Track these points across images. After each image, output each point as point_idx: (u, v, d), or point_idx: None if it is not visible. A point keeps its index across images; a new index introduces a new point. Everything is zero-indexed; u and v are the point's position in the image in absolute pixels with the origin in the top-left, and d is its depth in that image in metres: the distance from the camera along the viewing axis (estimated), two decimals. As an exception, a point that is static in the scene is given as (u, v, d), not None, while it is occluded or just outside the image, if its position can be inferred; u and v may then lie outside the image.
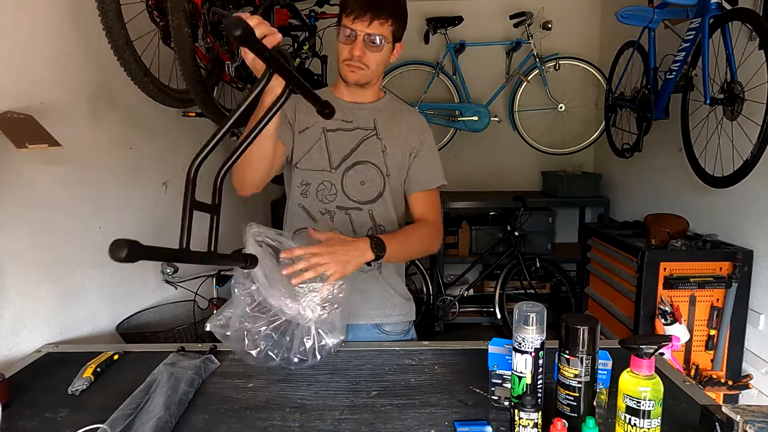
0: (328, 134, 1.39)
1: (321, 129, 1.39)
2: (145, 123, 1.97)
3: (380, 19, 1.27)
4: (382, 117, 1.43)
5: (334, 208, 1.39)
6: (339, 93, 1.43)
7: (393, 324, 1.47)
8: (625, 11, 2.54)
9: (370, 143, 1.40)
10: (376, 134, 1.41)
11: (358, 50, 1.29)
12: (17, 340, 1.36)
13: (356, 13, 1.26)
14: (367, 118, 1.42)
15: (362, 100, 1.42)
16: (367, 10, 1.26)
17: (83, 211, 1.62)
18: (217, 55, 2.07)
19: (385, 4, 1.28)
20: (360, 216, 1.40)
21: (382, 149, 1.40)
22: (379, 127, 1.42)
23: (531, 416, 0.88)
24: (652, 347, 0.85)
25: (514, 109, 3.75)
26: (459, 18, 3.63)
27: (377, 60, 1.33)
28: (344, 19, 1.29)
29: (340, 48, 1.32)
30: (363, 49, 1.29)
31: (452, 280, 3.73)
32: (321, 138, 1.39)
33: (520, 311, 0.94)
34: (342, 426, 0.99)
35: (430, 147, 1.46)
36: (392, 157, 1.40)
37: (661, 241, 2.35)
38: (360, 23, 1.26)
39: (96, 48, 1.60)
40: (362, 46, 1.29)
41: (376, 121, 1.42)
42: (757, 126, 1.95)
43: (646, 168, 3.12)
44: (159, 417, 0.95)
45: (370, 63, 1.32)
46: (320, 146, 1.39)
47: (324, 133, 1.39)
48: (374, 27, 1.27)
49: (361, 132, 1.40)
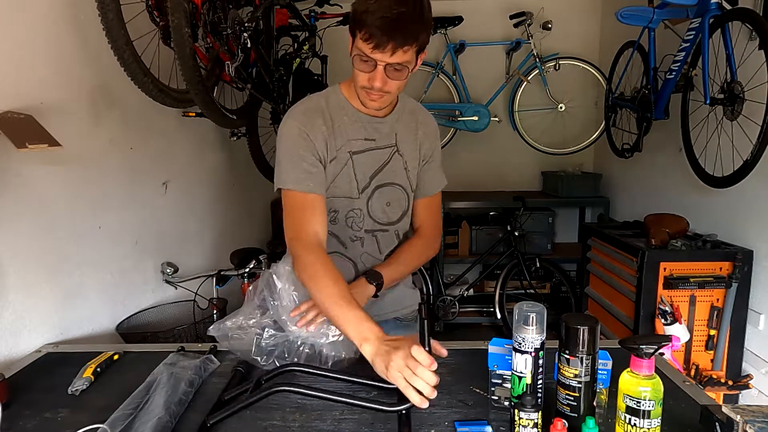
0: (355, 157, 1.29)
1: (347, 153, 1.28)
2: (145, 123, 1.97)
3: (404, 48, 1.09)
4: (400, 129, 1.34)
5: (363, 233, 1.36)
6: (356, 102, 1.28)
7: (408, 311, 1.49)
8: (625, 11, 2.54)
9: (393, 162, 1.33)
10: (397, 150, 1.33)
11: (380, 81, 1.14)
12: (17, 340, 1.36)
13: (376, 41, 1.08)
14: (389, 134, 1.32)
15: (380, 113, 1.31)
16: (389, 38, 1.07)
17: (83, 211, 1.62)
18: (217, 55, 2.07)
19: (410, 29, 1.09)
20: (386, 237, 1.38)
21: (404, 167, 1.35)
22: (399, 142, 1.33)
23: (531, 416, 0.88)
24: (652, 347, 0.85)
25: (514, 109, 3.75)
26: (459, 18, 3.63)
27: (399, 86, 1.19)
28: (360, 43, 1.10)
29: (357, 72, 1.16)
30: (385, 78, 1.14)
31: (452, 280, 3.72)
32: (348, 162, 1.29)
33: (520, 311, 0.94)
34: (342, 426, 0.99)
35: (439, 153, 1.42)
36: (413, 172, 1.36)
37: (661, 241, 2.35)
38: (380, 53, 1.09)
39: (96, 48, 1.60)
40: (383, 77, 1.14)
41: (397, 136, 1.33)
42: (757, 126, 1.95)
43: (646, 168, 3.12)
44: (159, 417, 0.95)
45: (392, 89, 1.18)
46: (347, 171, 1.29)
47: (351, 156, 1.29)
48: (398, 56, 1.10)
49: (385, 151, 1.32)
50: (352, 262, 1.37)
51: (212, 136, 2.70)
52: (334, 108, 1.29)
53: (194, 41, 1.79)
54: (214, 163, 2.74)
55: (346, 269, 1.36)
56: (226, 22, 1.92)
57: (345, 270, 1.37)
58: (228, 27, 1.92)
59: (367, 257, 1.38)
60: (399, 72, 1.14)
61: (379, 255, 1.39)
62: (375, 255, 1.38)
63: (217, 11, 1.90)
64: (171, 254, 2.13)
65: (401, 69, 1.14)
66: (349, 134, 1.28)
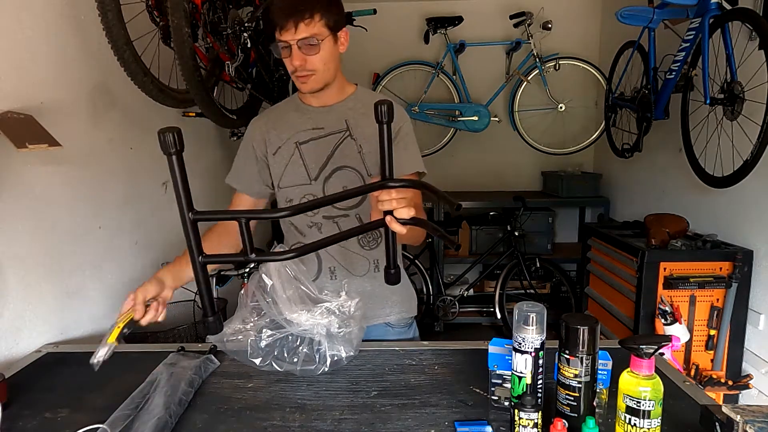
0: (302, 147, 1.37)
1: (294, 144, 1.37)
2: (145, 123, 1.97)
3: (304, 21, 1.22)
4: (353, 115, 1.38)
5: (320, 219, 1.38)
6: (306, 99, 1.40)
7: (397, 319, 1.48)
8: (625, 11, 2.54)
9: (345, 146, 1.37)
10: (349, 135, 1.37)
11: (298, 59, 1.25)
12: (17, 340, 1.35)
13: (280, 23, 1.22)
14: (338, 120, 1.38)
15: (329, 101, 1.38)
16: (288, 17, 1.21)
17: (83, 211, 1.62)
18: (217, 55, 2.07)
19: (306, 3, 1.22)
20: (348, 222, 1.38)
21: (358, 150, 1.37)
22: (351, 127, 1.37)
23: (531, 416, 0.88)
24: (652, 347, 0.85)
25: (514, 109, 3.75)
26: (459, 18, 3.63)
27: (322, 59, 1.27)
28: (276, 34, 1.25)
29: (286, 65, 1.30)
30: (301, 56, 1.25)
31: (452, 280, 3.73)
32: (295, 152, 1.37)
33: (520, 311, 0.94)
34: (342, 426, 0.99)
35: (406, 134, 1.40)
36: (370, 156, 1.36)
37: (661, 241, 2.35)
38: (287, 33, 1.23)
39: (96, 48, 1.60)
40: (300, 54, 1.25)
41: (347, 122, 1.37)
42: (757, 126, 1.95)
43: (646, 168, 3.12)
44: (159, 417, 0.95)
45: (316, 65, 1.27)
46: (295, 161, 1.37)
47: (297, 146, 1.37)
48: (302, 30, 1.22)
49: (335, 136, 1.37)
50: None
51: (212, 135, 2.70)
52: (285, 108, 1.45)
53: (194, 41, 1.79)
54: (214, 162, 2.74)
55: (308, 256, 1.38)
56: (226, 22, 1.92)
57: (307, 257, 1.38)
58: (228, 27, 1.92)
59: None
60: (312, 47, 1.25)
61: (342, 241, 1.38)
62: None
63: (217, 11, 1.90)
64: (171, 254, 2.11)
65: (313, 43, 1.24)
66: (296, 127, 1.38)
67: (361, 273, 1.41)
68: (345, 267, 1.40)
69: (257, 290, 1.19)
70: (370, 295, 1.40)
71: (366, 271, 1.41)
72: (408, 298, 1.50)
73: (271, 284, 1.16)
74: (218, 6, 1.90)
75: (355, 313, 1.19)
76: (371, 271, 1.42)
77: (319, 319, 1.16)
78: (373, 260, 1.41)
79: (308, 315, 1.15)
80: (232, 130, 2.67)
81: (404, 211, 1.03)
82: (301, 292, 1.17)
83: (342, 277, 1.40)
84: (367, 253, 1.41)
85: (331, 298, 1.18)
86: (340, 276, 1.40)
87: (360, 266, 1.41)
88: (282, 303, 1.15)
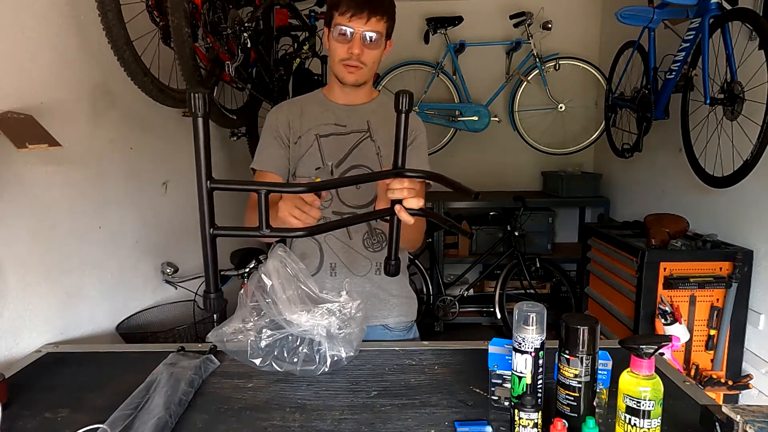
0: (321, 140, 1.39)
1: (314, 136, 1.39)
2: (145, 123, 1.97)
3: (377, 17, 1.27)
4: (375, 118, 1.42)
5: (330, 214, 1.39)
6: (333, 96, 1.43)
7: (395, 322, 1.47)
8: (625, 11, 2.54)
9: (364, 146, 1.40)
10: (370, 136, 1.40)
11: (357, 48, 1.28)
12: (17, 340, 1.35)
13: (353, 11, 1.25)
14: (360, 120, 1.41)
15: (356, 101, 1.42)
16: (364, 8, 1.25)
17: (83, 211, 1.62)
18: (217, 55, 2.07)
19: (380, 1, 1.28)
20: None
21: (377, 151, 1.40)
22: (372, 129, 1.41)
23: (531, 416, 0.88)
24: (652, 347, 0.85)
25: (514, 109, 3.75)
26: (459, 18, 3.63)
27: (374, 58, 1.33)
28: (338, 18, 1.28)
29: (335, 47, 1.31)
30: (362, 47, 1.29)
31: (452, 280, 3.72)
32: (314, 144, 1.39)
33: (520, 311, 0.94)
34: (342, 426, 0.99)
35: (420, 144, 1.44)
36: (387, 159, 1.37)
37: (661, 241, 2.35)
38: (357, 21, 1.26)
39: (96, 48, 1.60)
40: (360, 44, 1.28)
41: (369, 123, 1.41)
42: (757, 126, 1.95)
43: (646, 168, 3.12)
44: (159, 417, 0.95)
45: (368, 61, 1.32)
46: (313, 152, 1.38)
47: (317, 139, 1.39)
48: (371, 24, 1.27)
49: (355, 135, 1.40)
50: (317, 243, 1.41)
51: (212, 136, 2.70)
52: (309, 100, 1.46)
53: (194, 41, 1.79)
54: (214, 162, 2.71)
55: (311, 249, 1.40)
56: (226, 22, 1.92)
57: (309, 250, 1.41)
58: (228, 27, 1.92)
59: (335, 241, 1.40)
60: (374, 42, 1.29)
61: (347, 239, 1.40)
62: (343, 239, 1.40)
63: (217, 11, 1.90)
64: (171, 254, 2.12)
65: (376, 40, 1.29)
66: (318, 119, 1.40)
67: (361, 273, 1.41)
68: (346, 265, 1.41)
69: (257, 290, 1.18)
70: (369, 295, 1.40)
71: (366, 271, 1.42)
72: (407, 301, 1.50)
73: (270, 284, 1.16)
74: (218, 6, 1.90)
75: (356, 314, 1.19)
76: (372, 273, 1.42)
77: (320, 320, 1.16)
78: (376, 262, 1.42)
79: (308, 316, 1.15)
80: (232, 130, 2.67)
81: (414, 201, 1.06)
82: (301, 292, 1.17)
83: (342, 274, 1.40)
84: (371, 255, 1.42)
85: (332, 299, 1.18)
86: (339, 273, 1.40)
87: (361, 266, 1.41)
88: (282, 304, 1.15)
